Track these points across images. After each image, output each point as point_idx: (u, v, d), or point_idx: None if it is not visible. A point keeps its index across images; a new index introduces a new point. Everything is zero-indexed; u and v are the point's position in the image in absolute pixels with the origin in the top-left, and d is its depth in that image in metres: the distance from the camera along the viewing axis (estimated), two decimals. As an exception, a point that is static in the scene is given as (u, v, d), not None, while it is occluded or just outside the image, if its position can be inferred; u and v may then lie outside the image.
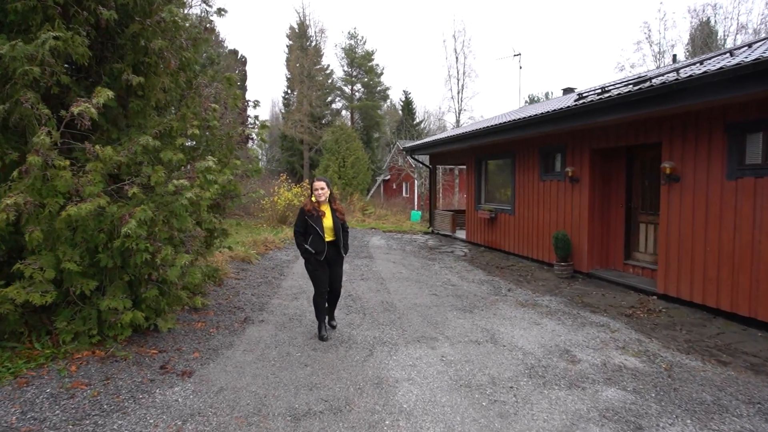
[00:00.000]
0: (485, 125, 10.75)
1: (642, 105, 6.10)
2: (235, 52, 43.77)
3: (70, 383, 3.58)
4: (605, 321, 5.77)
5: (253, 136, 5.34)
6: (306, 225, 4.82)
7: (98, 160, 3.86)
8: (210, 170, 4.44)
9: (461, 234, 14.14)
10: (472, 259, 10.70)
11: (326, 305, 5.07)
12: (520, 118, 9.11)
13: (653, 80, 6.13)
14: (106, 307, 3.98)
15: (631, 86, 6.38)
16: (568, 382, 3.93)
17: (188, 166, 4.49)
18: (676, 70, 6.20)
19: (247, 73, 44.96)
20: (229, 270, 7.83)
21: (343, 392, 3.67)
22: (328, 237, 4.86)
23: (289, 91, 39.36)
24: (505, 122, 9.58)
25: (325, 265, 4.91)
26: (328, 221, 4.85)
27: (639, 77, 7.66)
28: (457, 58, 32.59)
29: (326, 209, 4.89)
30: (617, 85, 7.21)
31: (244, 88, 44.90)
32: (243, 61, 45.48)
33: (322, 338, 4.89)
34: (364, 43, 39.47)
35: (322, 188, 4.83)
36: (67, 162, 3.86)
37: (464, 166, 19.87)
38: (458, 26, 45.22)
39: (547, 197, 9.45)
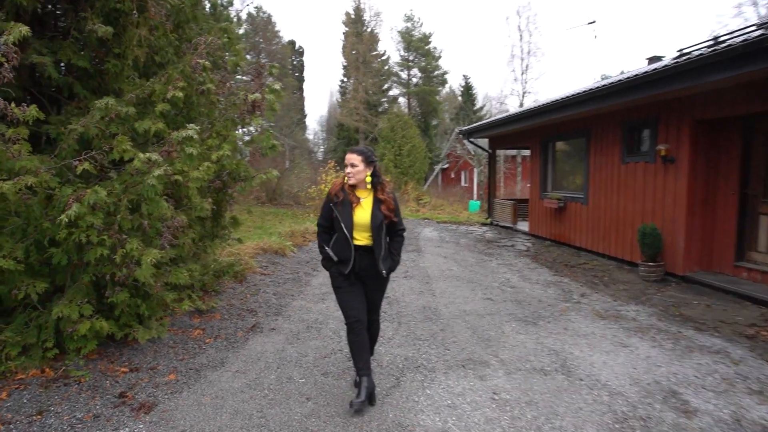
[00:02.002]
0: (553, 99, 9.20)
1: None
2: (292, 42, 43.87)
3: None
4: (720, 345, 4.28)
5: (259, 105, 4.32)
6: (331, 217, 3.18)
7: (22, 125, 3.00)
8: (190, 141, 3.49)
9: (523, 226, 12.61)
10: (535, 255, 9.24)
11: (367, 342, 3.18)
12: (598, 87, 7.52)
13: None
14: (58, 314, 3.16)
15: (763, 30, 4.73)
16: (684, 450, 2.61)
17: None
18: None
19: (305, 64, 45.01)
20: (255, 264, 7.00)
21: (348, 448, 2.59)
22: (360, 239, 3.13)
23: (345, 79, 38.73)
24: (578, 92, 8.01)
25: (356, 282, 3.18)
26: (362, 214, 3.10)
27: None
28: (521, 36, 30.07)
29: (365, 196, 3.17)
30: (735, 35, 5.51)
31: (301, 79, 44.98)
32: (300, 52, 45.53)
33: (351, 404, 2.97)
34: (421, 26, 38.00)
35: (354, 164, 3.08)
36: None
37: (528, 151, 18.10)
38: (522, 0, 42.08)
39: (631, 183, 7.81)
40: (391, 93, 38.55)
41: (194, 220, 4.33)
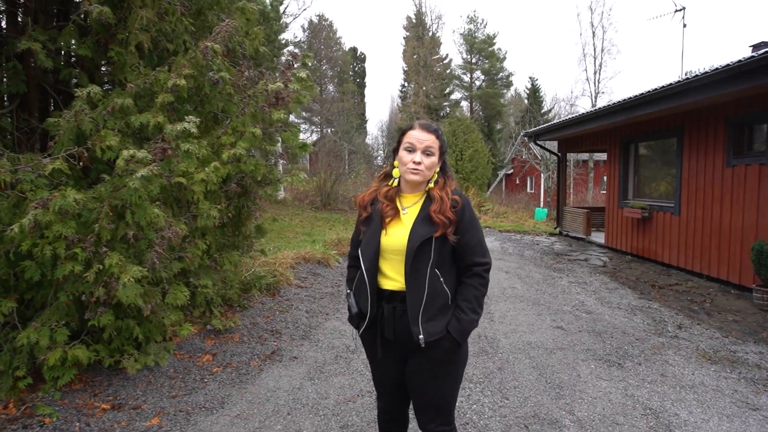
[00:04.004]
0: (637, 94, 7.93)
1: None
2: (354, 49, 44.08)
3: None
4: None
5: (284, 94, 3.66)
6: (356, 240, 1.98)
7: None
8: (187, 136, 2.88)
9: (598, 237, 11.21)
10: (614, 271, 7.97)
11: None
12: (696, 77, 6.24)
13: None
14: (24, 340, 2.63)
15: None
16: None
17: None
18: None
19: (366, 70, 45.04)
20: (292, 276, 6.40)
21: None
22: (391, 278, 1.80)
23: (405, 84, 38.27)
24: (669, 85, 6.75)
25: (389, 357, 1.86)
26: (397, 233, 1.79)
27: None
28: (593, 32, 28.09)
29: (414, 203, 1.84)
30: None
31: (362, 85, 45.03)
32: (362, 58, 45.65)
33: None
34: (485, 27, 36.65)
35: (430, 151, 1.78)
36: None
37: (603, 154, 16.50)
38: (595, -5, 39.52)
39: (739, 190, 6.42)
40: (452, 97, 37.56)
41: (209, 229, 3.75)
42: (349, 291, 1.93)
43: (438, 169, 1.84)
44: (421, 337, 1.69)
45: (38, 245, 2.52)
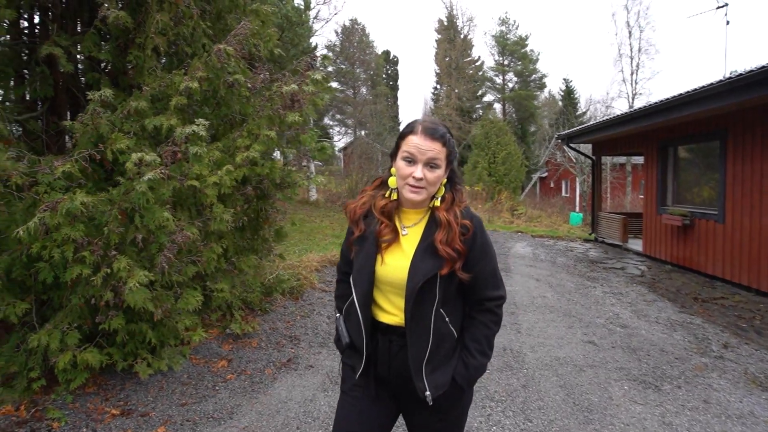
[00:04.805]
0: (676, 94, 7.49)
1: None
2: (386, 53, 44.08)
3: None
4: None
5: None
6: (347, 254, 1.63)
7: None
8: (196, 139, 2.82)
9: (635, 245, 10.70)
10: (652, 282, 7.54)
11: None
12: (743, 74, 5.82)
13: None
14: (36, 342, 2.62)
15: None
16: None
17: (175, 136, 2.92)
18: None
19: (399, 73, 44.97)
20: (316, 279, 6.32)
21: None
22: (389, 312, 1.50)
23: (437, 87, 37.99)
24: (711, 84, 6.32)
25: (380, 398, 1.54)
26: (397, 262, 1.47)
27: None
28: (630, 32, 27.01)
29: (416, 222, 1.52)
30: None
31: (395, 88, 44.97)
32: (394, 61, 45.61)
33: None
34: (517, 28, 36.05)
35: (435, 164, 1.43)
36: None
37: (640, 157, 15.90)
38: (631, -6, 38.22)
39: (792, 195, 5.94)
40: (485, 99, 37.05)
41: (226, 232, 3.69)
42: (338, 314, 1.64)
43: (445, 180, 1.49)
44: (427, 393, 1.42)
45: (47, 248, 2.50)
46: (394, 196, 1.51)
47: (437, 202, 1.48)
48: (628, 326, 5.10)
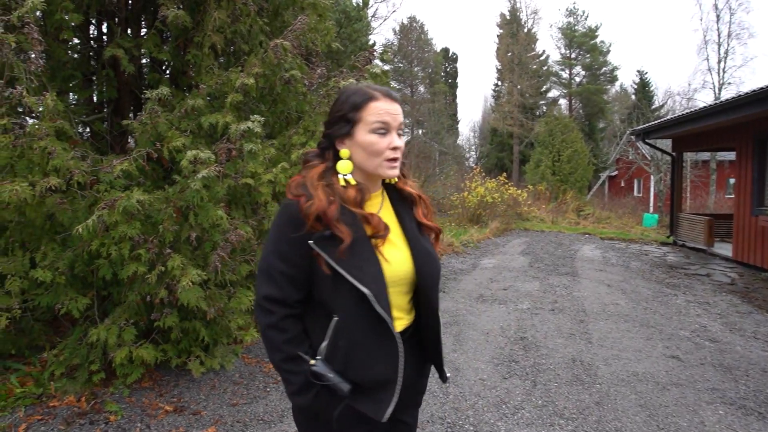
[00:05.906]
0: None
1: None
2: (445, 50, 43.50)
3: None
4: None
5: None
6: (304, 275, 1.20)
7: (45, 119, 2.53)
8: (251, 136, 2.75)
9: (723, 249, 9.68)
10: (746, 291, 6.73)
11: None
12: None
13: None
14: (95, 337, 2.66)
15: None
16: None
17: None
18: None
19: (458, 70, 44.25)
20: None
21: None
22: (397, 321, 1.25)
23: (499, 83, 36.98)
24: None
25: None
26: (399, 255, 1.27)
27: None
28: (718, 16, 24.72)
29: (377, 206, 1.31)
30: None
31: (455, 85, 44.29)
32: (454, 59, 44.92)
33: None
34: (586, 19, 34.29)
35: (402, 124, 1.27)
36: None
37: (728, 153, 14.49)
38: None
39: None
40: (550, 95, 35.53)
41: (246, 233, 3.65)
42: (315, 360, 1.19)
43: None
44: (449, 375, 1.42)
45: (105, 245, 2.53)
46: (352, 182, 1.25)
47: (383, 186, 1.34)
48: (719, 341, 4.53)
